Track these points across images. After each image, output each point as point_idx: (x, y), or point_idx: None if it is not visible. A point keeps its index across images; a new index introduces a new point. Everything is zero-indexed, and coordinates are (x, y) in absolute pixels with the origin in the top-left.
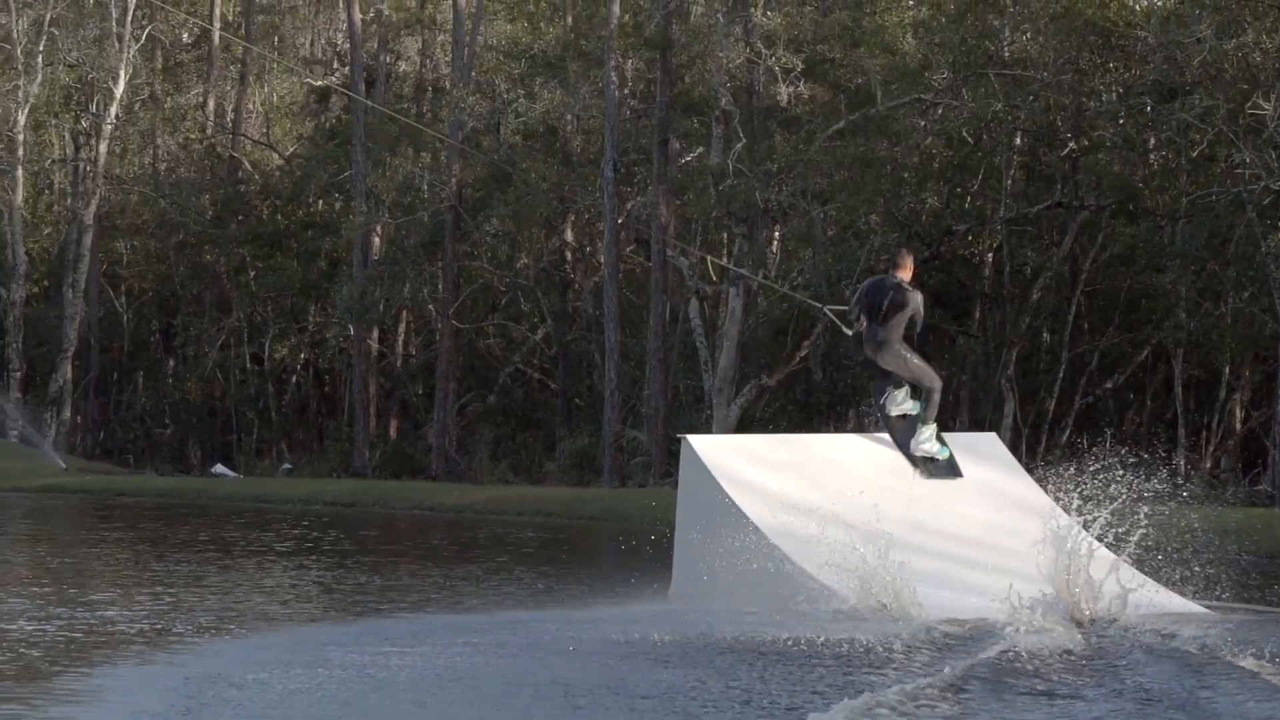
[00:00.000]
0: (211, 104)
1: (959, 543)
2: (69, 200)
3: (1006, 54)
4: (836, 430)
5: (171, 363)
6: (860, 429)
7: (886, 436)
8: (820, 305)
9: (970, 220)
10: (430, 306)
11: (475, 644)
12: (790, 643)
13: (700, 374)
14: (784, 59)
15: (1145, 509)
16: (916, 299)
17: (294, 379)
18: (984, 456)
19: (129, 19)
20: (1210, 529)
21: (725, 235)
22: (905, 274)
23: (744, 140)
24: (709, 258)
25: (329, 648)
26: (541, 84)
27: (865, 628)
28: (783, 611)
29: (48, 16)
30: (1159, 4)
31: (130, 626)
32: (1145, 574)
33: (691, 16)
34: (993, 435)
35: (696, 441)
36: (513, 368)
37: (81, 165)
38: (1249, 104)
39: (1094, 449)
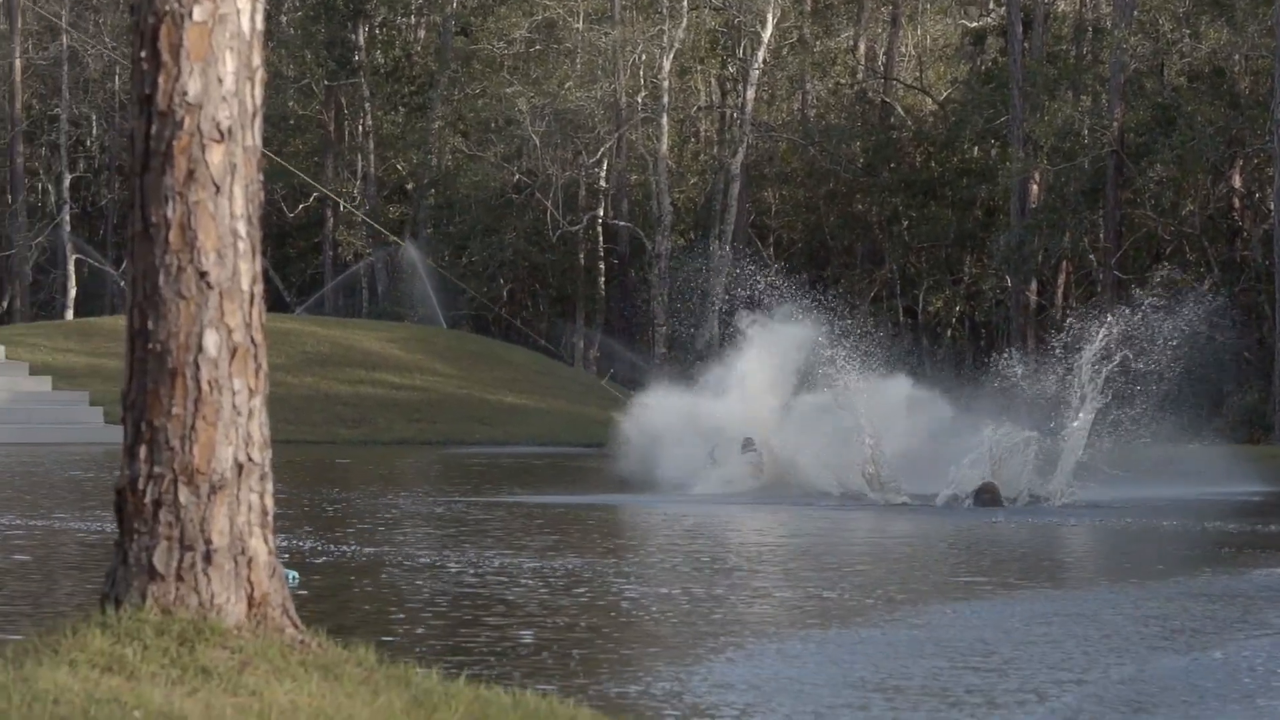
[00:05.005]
0: (862, 47)
1: None
2: (715, 149)
3: None
4: None
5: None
6: None
7: None
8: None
9: None
10: (1091, 256)
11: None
12: None
13: None
14: None
15: None
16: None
17: (949, 332)
18: None
19: None
20: None
21: None
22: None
23: None
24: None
25: None
26: (1208, 23)
27: None
28: None
29: None
30: None
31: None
32: None
33: None
34: None
35: None
36: None
37: (728, 112)
38: None
39: None
